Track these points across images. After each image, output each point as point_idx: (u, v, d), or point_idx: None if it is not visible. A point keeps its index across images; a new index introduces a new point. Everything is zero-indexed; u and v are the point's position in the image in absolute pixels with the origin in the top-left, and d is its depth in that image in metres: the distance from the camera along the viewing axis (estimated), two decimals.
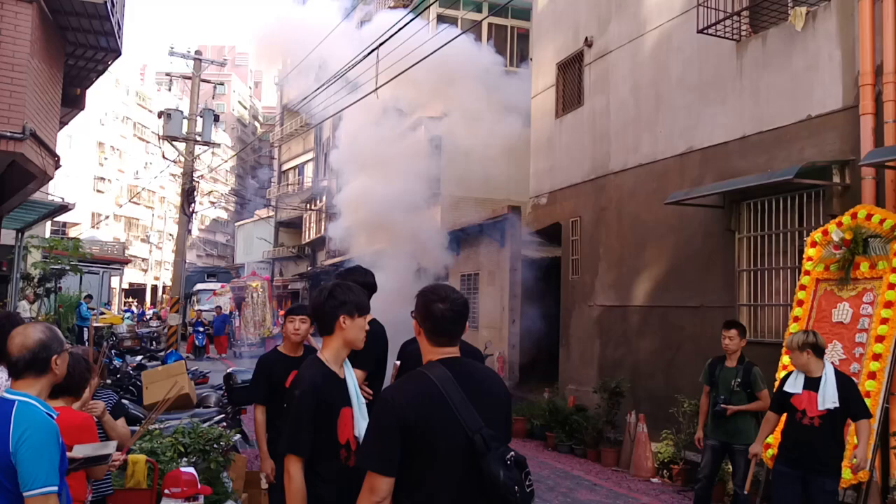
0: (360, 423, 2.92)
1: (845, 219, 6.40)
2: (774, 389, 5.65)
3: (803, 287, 6.74)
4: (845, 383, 4.91)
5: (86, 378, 3.51)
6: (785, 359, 6.61)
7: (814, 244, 6.74)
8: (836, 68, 7.32)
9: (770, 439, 6.31)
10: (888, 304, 5.92)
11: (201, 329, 23.47)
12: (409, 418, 2.33)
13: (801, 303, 6.70)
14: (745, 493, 6.22)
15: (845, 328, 6.29)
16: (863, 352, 6.02)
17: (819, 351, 4.99)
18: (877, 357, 5.87)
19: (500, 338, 14.72)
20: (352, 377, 3.01)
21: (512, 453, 2.33)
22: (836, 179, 7.19)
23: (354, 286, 3.11)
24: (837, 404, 4.83)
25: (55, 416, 2.60)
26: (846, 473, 5.79)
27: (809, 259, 6.75)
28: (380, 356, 4.41)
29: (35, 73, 8.41)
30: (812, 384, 4.90)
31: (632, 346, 10.37)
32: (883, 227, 6.08)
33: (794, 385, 5.01)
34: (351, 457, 2.88)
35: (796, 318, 6.70)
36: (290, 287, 37.11)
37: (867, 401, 5.80)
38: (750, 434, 6.22)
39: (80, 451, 2.96)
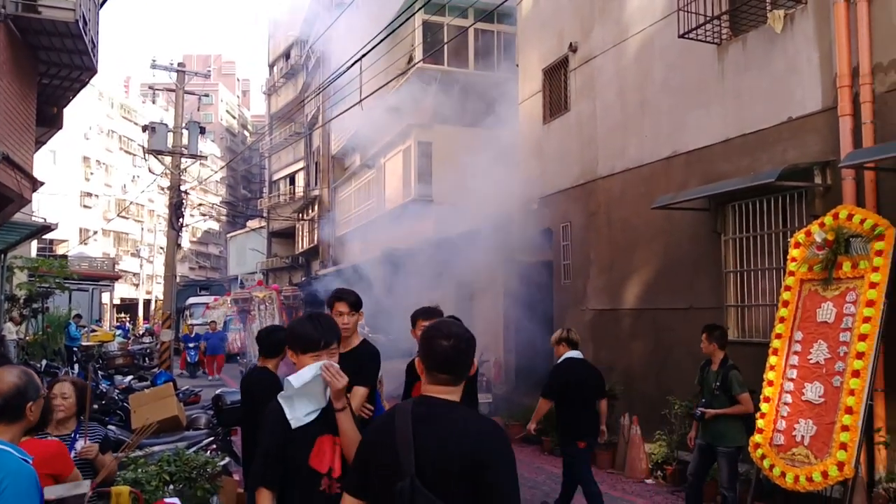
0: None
1: (827, 219, 6.44)
2: None
3: (788, 288, 6.79)
4: (554, 369, 6.86)
5: (50, 410, 3.49)
6: (772, 359, 6.66)
7: (797, 245, 6.78)
8: (814, 70, 7.38)
9: (759, 438, 6.38)
10: (870, 303, 5.96)
11: (192, 345, 22.53)
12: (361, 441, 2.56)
13: (786, 303, 6.74)
14: (732, 493, 6.29)
15: (829, 327, 6.33)
16: (847, 350, 6.06)
17: (571, 343, 6.86)
18: (860, 356, 5.91)
19: (496, 343, 14.71)
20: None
21: None
22: (818, 181, 7.24)
23: (326, 316, 3.15)
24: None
25: (30, 461, 2.50)
26: (832, 471, 5.84)
27: (794, 260, 6.79)
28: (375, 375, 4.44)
29: (5, 94, 8.09)
30: None
31: (624, 348, 10.42)
32: (863, 227, 6.12)
33: None
34: (333, 484, 2.84)
35: (782, 319, 6.74)
36: (299, 296, 35.72)
37: (850, 399, 5.88)
38: (734, 437, 6.34)
39: (52, 492, 2.86)
